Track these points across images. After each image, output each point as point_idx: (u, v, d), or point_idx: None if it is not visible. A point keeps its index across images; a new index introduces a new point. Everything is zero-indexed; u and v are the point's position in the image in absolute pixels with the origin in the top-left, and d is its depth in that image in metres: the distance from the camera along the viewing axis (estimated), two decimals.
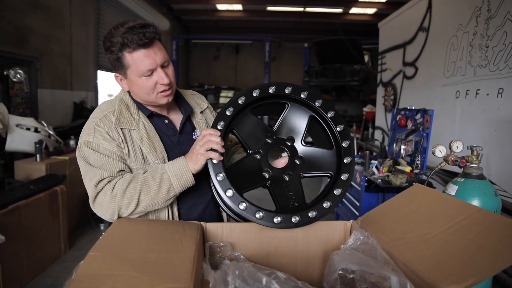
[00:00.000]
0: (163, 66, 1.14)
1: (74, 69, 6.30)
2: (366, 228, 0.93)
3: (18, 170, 3.43)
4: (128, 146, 1.16)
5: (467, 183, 1.47)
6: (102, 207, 1.10)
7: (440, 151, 1.52)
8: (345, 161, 1.04)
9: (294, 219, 0.98)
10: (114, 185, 1.09)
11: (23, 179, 3.31)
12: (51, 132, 3.87)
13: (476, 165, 1.50)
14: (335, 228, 0.99)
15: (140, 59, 1.10)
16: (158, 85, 1.14)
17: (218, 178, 1.02)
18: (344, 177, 1.03)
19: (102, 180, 1.10)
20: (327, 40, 9.12)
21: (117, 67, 1.15)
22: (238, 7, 10.36)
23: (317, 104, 1.07)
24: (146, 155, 1.18)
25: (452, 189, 1.48)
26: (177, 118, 1.32)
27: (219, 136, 1.04)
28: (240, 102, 1.08)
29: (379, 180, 2.75)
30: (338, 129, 1.05)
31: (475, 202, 1.44)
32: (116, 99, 1.24)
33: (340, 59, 8.82)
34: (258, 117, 1.14)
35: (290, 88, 1.07)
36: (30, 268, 2.80)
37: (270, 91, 1.08)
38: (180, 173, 1.08)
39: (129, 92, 1.24)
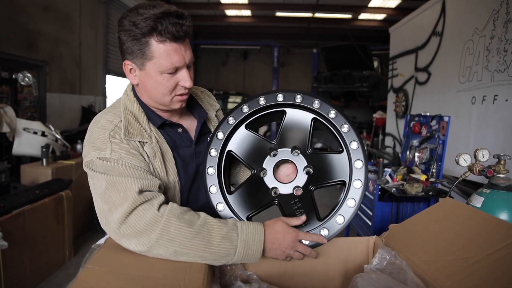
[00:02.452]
0: (188, 67, 0.99)
1: (83, 73, 6.31)
2: (392, 246, 0.83)
3: (24, 174, 3.40)
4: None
5: (494, 195, 1.37)
6: (139, 231, 0.81)
7: (465, 160, 1.42)
8: (356, 165, 0.93)
9: (305, 241, 0.90)
10: (160, 205, 0.86)
11: (29, 184, 3.28)
12: (58, 136, 3.84)
13: (503, 175, 1.39)
14: (357, 245, 0.90)
15: (168, 53, 0.92)
16: (179, 86, 0.98)
17: (219, 208, 0.97)
18: (357, 184, 0.93)
19: (145, 190, 0.87)
20: (336, 46, 9.04)
21: (135, 53, 0.94)
22: (247, 13, 10.36)
23: (315, 106, 0.96)
24: (157, 175, 0.99)
25: (478, 201, 1.38)
26: (191, 125, 1.15)
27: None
28: (230, 122, 1.00)
29: (394, 189, 2.65)
30: (343, 129, 0.95)
31: (503, 216, 1.33)
32: (120, 109, 1.03)
33: (349, 65, 8.73)
34: (265, 126, 1.06)
35: (281, 95, 0.98)
36: (33, 275, 2.74)
37: (261, 103, 0.99)
38: (251, 245, 0.86)
39: (135, 97, 1.05)
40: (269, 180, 0.98)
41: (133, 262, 0.76)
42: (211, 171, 0.99)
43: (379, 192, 2.83)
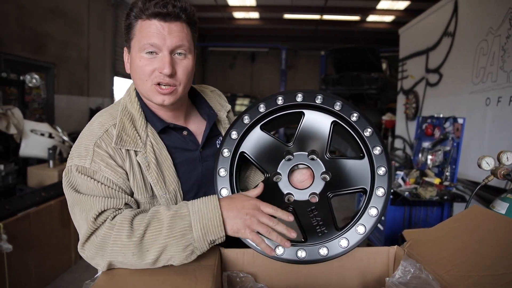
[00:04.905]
0: (174, 53, 0.89)
1: (91, 75, 6.33)
2: (416, 257, 0.76)
3: (31, 176, 3.38)
4: (134, 174, 0.91)
5: None
6: (97, 247, 0.79)
7: (488, 163, 1.34)
8: (379, 172, 0.88)
9: (322, 251, 0.84)
10: (114, 217, 0.82)
11: (35, 186, 3.26)
12: (65, 138, 3.83)
13: None
14: (376, 255, 0.83)
15: (147, 29, 0.86)
16: (156, 72, 0.88)
17: None
18: (380, 192, 0.87)
19: (105, 211, 0.82)
20: (344, 48, 8.96)
21: (125, 36, 0.92)
22: (255, 15, 10.33)
23: (336, 107, 0.91)
24: (152, 186, 0.92)
25: (502, 207, 1.30)
26: (198, 127, 1.06)
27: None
28: (245, 121, 0.94)
29: (407, 193, 2.56)
30: (366, 133, 0.89)
31: None
32: (118, 108, 0.96)
33: (357, 67, 8.63)
34: (273, 132, 0.99)
35: (301, 95, 0.92)
36: (38, 278, 2.71)
37: (279, 102, 0.93)
38: (206, 214, 0.79)
39: (138, 96, 0.98)
40: (284, 186, 0.92)
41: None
42: (223, 172, 0.93)
43: (391, 196, 2.75)
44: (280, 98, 0.93)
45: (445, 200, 2.50)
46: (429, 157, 3.04)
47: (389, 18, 10.00)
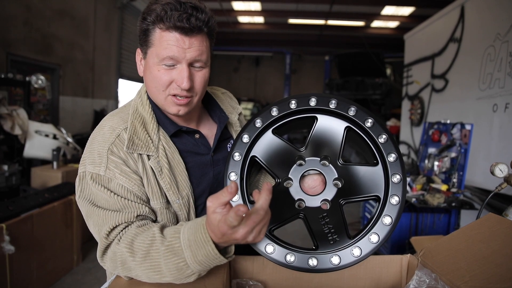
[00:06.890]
0: (192, 66, 0.88)
1: (96, 77, 6.35)
2: (431, 267, 0.74)
3: (35, 177, 3.38)
4: (148, 179, 0.88)
5: None
6: (113, 261, 0.80)
7: (501, 170, 1.32)
8: (393, 179, 0.85)
9: (334, 260, 0.81)
10: (126, 233, 0.80)
11: (39, 187, 3.25)
12: (69, 139, 3.83)
13: None
14: (389, 264, 0.80)
15: (167, 42, 0.83)
16: (173, 84, 0.87)
17: None
18: (394, 201, 0.85)
19: (116, 226, 0.81)
20: (349, 53, 8.96)
21: (142, 40, 0.89)
22: (260, 19, 10.36)
23: (350, 113, 0.88)
24: (165, 191, 0.89)
25: None
26: (209, 130, 1.04)
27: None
28: (257, 125, 0.91)
29: (414, 199, 2.53)
30: (380, 140, 0.87)
31: None
32: (129, 111, 0.94)
33: (362, 72, 8.63)
34: (284, 136, 0.97)
35: (314, 99, 0.90)
36: (40, 280, 2.69)
37: (292, 106, 0.90)
38: (195, 245, 0.70)
39: (149, 99, 0.96)
40: (295, 191, 0.89)
41: None
42: (233, 176, 0.91)
43: None
44: (293, 102, 0.90)
45: (453, 207, 2.47)
46: (436, 163, 3.01)
47: (393, 24, 10.01)
